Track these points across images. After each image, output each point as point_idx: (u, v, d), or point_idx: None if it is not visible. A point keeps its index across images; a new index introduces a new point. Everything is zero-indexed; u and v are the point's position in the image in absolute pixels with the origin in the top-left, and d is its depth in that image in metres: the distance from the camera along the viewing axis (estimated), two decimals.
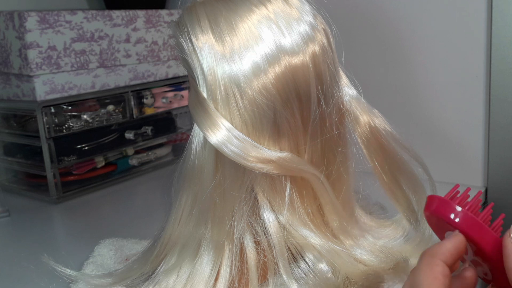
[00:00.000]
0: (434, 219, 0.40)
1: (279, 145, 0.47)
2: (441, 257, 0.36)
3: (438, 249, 0.37)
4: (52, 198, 0.82)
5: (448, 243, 0.37)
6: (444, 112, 0.81)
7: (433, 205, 0.39)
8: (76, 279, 0.53)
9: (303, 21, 0.47)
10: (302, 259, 0.49)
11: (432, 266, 0.35)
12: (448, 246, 0.37)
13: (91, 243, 0.63)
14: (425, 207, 0.40)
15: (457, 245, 0.37)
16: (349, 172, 0.53)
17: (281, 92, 0.45)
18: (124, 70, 0.90)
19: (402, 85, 0.84)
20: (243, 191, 0.47)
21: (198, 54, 0.46)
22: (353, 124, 0.53)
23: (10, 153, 0.89)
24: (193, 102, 0.47)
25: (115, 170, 0.91)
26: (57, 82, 0.81)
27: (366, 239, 0.53)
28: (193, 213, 0.48)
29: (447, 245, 0.37)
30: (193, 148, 0.47)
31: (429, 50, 0.80)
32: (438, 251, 0.36)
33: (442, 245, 0.37)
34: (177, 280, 0.48)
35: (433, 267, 0.35)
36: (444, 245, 0.37)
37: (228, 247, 0.48)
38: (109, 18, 0.86)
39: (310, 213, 0.50)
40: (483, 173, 0.80)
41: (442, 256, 0.36)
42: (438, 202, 0.39)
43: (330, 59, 0.48)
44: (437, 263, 0.35)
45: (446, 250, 0.36)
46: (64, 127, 0.83)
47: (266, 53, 0.45)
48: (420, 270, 0.35)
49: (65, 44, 0.81)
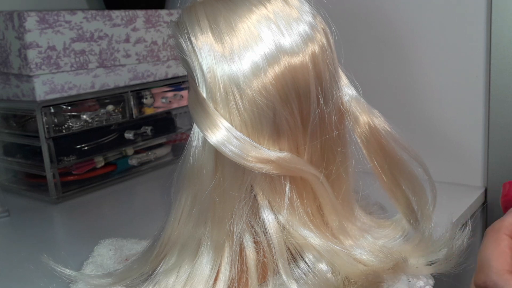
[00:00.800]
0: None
1: (279, 145, 0.47)
2: (505, 231, 0.37)
3: (502, 224, 0.37)
4: (52, 198, 0.82)
5: (510, 217, 0.37)
6: (444, 112, 0.81)
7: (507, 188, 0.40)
8: (75, 279, 0.53)
9: (303, 21, 0.47)
10: (302, 259, 0.49)
11: (498, 241, 0.36)
12: (510, 220, 0.37)
13: (91, 243, 0.63)
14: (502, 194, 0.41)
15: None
16: (349, 172, 0.53)
17: (281, 92, 0.45)
18: (123, 70, 0.90)
19: (402, 85, 0.84)
20: (243, 191, 0.47)
21: (197, 54, 0.46)
22: (352, 124, 0.53)
23: (10, 153, 0.89)
24: (193, 102, 0.47)
25: (115, 170, 0.91)
26: (56, 82, 0.81)
27: (365, 239, 0.53)
28: (192, 213, 0.48)
29: (509, 219, 0.37)
30: (193, 148, 0.47)
31: (429, 50, 0.80)
32: (502, 226, 0.37)
33: (504, 219, 0.38)
34: (176, 280, 0.48)
35: (499, 242, 0.36)
36: (507, 219, 0.37)
37: (228, 247, 0.48)
38: (109, 18, 0.86)
39: (310, 213, 0.50)
40: (483, 173, 0.80)
41: (506, 230, 0.37)
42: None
43: (329, 59, 0.48)
44: (502, 238, 0.36)
45: (509, 223, 0.37)
46: (63, 127, 0.83)
47: (266, 53, 0.45)
48: (486, 246, 0.36)
49: (65, 44, 0.81)
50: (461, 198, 0.75)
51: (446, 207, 0.58)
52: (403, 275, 0.50)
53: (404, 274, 0.50)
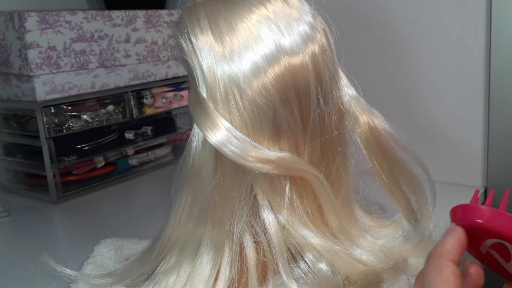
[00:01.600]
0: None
1: (279, 145, 0.47)
2: (448, 257, 0.34)
3: (443, 249, 0.35)
4: (52, 198, 0.82)
5: (450, 239, 0.35)
6: (443, 112, 0.81)
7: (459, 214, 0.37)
8: (76, 279, 0.53)
9: (303, 21, 0.47)
10: (302, 259, 0.49)
11: (441, 269, 0.33)
12: (451, 242, 0.35)
13: (91, 243, 0.63)
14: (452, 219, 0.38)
15: (460, 240, 0.35)
16: (349, 172, 0.53)
17: (281, 92, 0.45)
18: (124, 70, 0.90)
19: (401, 85, 0.84)
20: (243, 191, 0.47)
21: (197, 54, 0.46)
22: (352, 124, 0.53)
23: (10, 153, 0.89)
24: (193, 102, 0.47)
25: (115, 170, 0.91)
26: (57, 82, 0.81)
27: (365, 239, 0.53)
28: (193, 213, 0.48)
29: (450, 242, 0.35)
30: (193, 148, 0.48)
31: (429, 50, 0.80)
32: (443, 251, 0.34)
33: (445, 243, 0.35)
34: (177, 280, 0.48)
35: (442, 270, 0.33)
36: (448, 243, 0.35)
37: (228, 247, 0.48)
38: (109, 18, 0.86)
39: (310, 213, 0.50)
40: (483, 173, 0.80)
41: (449, 256, 0.34)
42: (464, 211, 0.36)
43: (329, 59, 0.48)
44: (446, 264, 0.34)
45: (451, 247, 0.35)
46: (64, 127, 0.83)
47: (266, 53, 0.45)
48: (429, 275, 0.34)
49: (65, 44, 0.81)
50: (461, 198, 0.75)
51: (446, 207, 0.58)
52: (403, 275, 0.50)
53: (404, 274, 0.50)
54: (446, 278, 0.33)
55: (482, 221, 0.35)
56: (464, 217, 0.36)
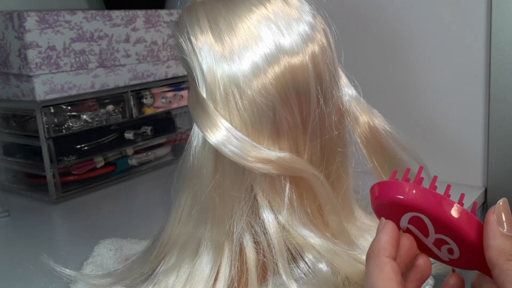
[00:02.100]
0: (383, 210, 0.37)
1: (279, 145, 0.47)
2: (385, 253, 0.34)
3: (378, 246, 0.34)
4: (52, 198, 0.82)
5: (384, 235, 0.35)
6: (444, 112, 0.81)
7: (376, 191, 0.36)
8: (75, 279, 0.53)
9: (303, 21, 0.47)
10: (302, 259, 0.49)
11: (381, 266, 0.33)
12: (385, 238, 0.34)
13: (91, 243, 0.63)
14: (371, 198, 0.37)
15: (392, 233, 0.35)
16: (349, 172, 0.53)
17: (281, 92, 0.45)
18: (123, 70, 0.90)
19: (401, 85, 0.84)
20: (243, 191, 0.47)
21: (197, 54, 0.46)
22: (352, 124, 0.53)
23: (9, 153, 0.89)
24: (193, 102, 0.47)
25: (115, 170, 0.91)
26: (56, 82, 0.81)
27: (365, 239, 0.53)
28: (192, 213, 0.48)
29: (384, 238, 0.34)
30: (193, 148, 0.47)
31: (429, 50, 0.80)
32: (380, 248, 0.34)
33: (380, 240, 0.34)
34: (176, 280, 0.48)
35: (382, 267, 0.33)
36: (382, 239, 0.34)
37: (228, 247, 0.48)
38: (109, 18, 0.86)
39: (310, 213, 0.50)
40: (483, 173, 0.80)
41: (385, 252, 0.34)
42: (381, 187, 0.36)
43: (329, 59, 0.48)
44: (385, 262, 0.33)
45: (386, 243, 0.34)
46: (63, 127, 0.83)
47: (266, 53, 0.45)
48: (370, 273, 0.33)
49: (65, 44, 0.81)
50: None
51: None
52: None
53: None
54: (386, 275, 0.33)
55: (397, 195, 0.35)
56: (381, 194, 0.36)
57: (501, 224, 0.32)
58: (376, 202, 0.37)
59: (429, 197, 0.35)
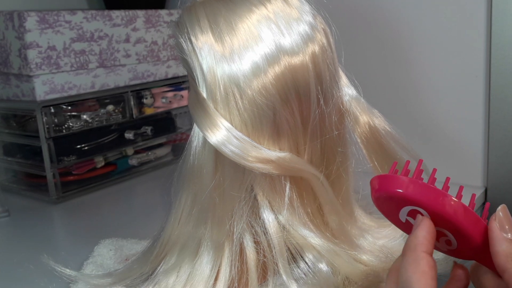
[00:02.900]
0: (382, 202, 0.38)
1: (279, 145, 0.47)
2: (422, 249, 0.34)
3: (417, 241, 0.35)
4: (52, 198, 0.82)
5: (421, 231, 0.35)
6: (444, 112, 0.81)
7: (376, 184, 0.37)
8: (75, 279, 0.53)
9: (303, 21, 0.47)
10: (302, 259, 0.49)
11: (417, 261, 0.34)
12: (423, 234, 0.35)
13: (91, 243, 0.63)
14: (371, 191, 0.38)
15: (429, 229, 0.35)
16: (349, 172, 0.53)
17: (281, 92, 0.45)
18: (123, 70, 0.90)
19: (402, 85, 0.84)
20: (243, 191, 0.47)
21: (197, 54, 0.46)
22: (352, 124, 0.53)
23: (10, 153, 0.89)
24: (193, 102, 0.47)
25: (115, 170, 0.91)
26: (56, 82, 0.81)
27: (365, 239, 0.53)
28: (192, 213, 0.48)
29: (422, 233, 0.35)
30: (193, 148, 0.47)
31: (429, 50, 0.80)
32: (417, 243, 0.35)
33: (417, 235, 0.35)
34: (176, 280, 0.48)
35: (418, 262, 0.34)
36: (420, 235, 0.35)
37: (228, 247, 0.48)
38: (109, 18, 0.86)
39: (310, 213, 0.50)
40: (483, 173, 0.80)
41: (423, 247, 0.34)
42: (380, 180, 0.37)
43: (329, 59, 0.48)
44: (422, 257, 0.34)
45: (424, 239, 0.35)
46: (63, 127, 0.83)
47: (266, 53, 0.45)
48: (406, 268, 0.34)
49: (65, 44, 0.81)
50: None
51: None
52: None
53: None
54: (423, 269, 0.33)
55: (395, 189, 0.36)
56: (381, 187, 0.37)
57: (504, 230, 0.34)
58: (375, 195, 0.38)
59: (426, 191, 0.35)
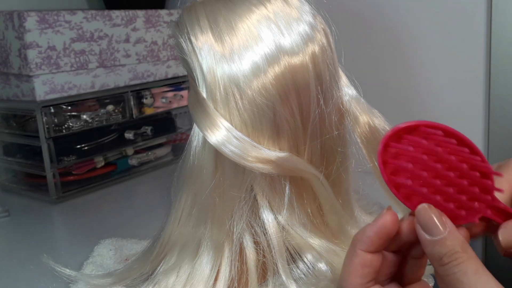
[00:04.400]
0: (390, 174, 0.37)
1: (279, 145, 0.47)
2: (361, 246, 0.33)
3: (360, 237, 0.34)
4: (52, 198, 0.82)
5: (370, 228, 0.34)
6: (444, 112, 0.81)
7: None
8: (75, 279, 0.53)
9: (303, 21, 0.47)
10: (301, 260, 0.49)
11: (351, 256, 0.33)
12: (369, 233, 0.33)
13: (91, 243, 0.63)
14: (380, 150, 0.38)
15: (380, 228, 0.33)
16: (349, 172, 0.53)
17: (281, 92, 0.45)
18: (123, 70, 0.90)
19: (402, 85, 0.84)
20: (243, 191, 0.47)
21: (197, 54, 0.46)
22: (352, 124, 0.53)
23: (10, 153, 0.89)
24: (193, 102, 0.47)
25: (115, 170, 0.91)
26: (56, 82, 0.81)
27: None
28: (192, 213, 0.48)
29: (368, 233, 0.34)
30: (193, 148, 0.47)
31: (429, 50, 0.80)
32: (359, 240, 0.34)
33: (364, 232, 0.34)
34: (176, 280, 0.48)
35: (352, 258, 0.33)
36: (367, 230, 0.34)
37: (228, 247, 0.48)
38: (109, 18, 0.86)
39: (310, 213, 0.50)
40: None
41: (362, 245, 0.33)
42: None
43: (329, 59, 0.48)
44: (357, 253, 0.33)
45: (367, 238, 0.33)
46: (63, 127, 0.83)
47: (266, 53, 0.45)
48: (344, 262, 0.34)
49: (65, 44, 0.81)
50: None
51: None
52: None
53: None
54: (354, 267, 0.33)
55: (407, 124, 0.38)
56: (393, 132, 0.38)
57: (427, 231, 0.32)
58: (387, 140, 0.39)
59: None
